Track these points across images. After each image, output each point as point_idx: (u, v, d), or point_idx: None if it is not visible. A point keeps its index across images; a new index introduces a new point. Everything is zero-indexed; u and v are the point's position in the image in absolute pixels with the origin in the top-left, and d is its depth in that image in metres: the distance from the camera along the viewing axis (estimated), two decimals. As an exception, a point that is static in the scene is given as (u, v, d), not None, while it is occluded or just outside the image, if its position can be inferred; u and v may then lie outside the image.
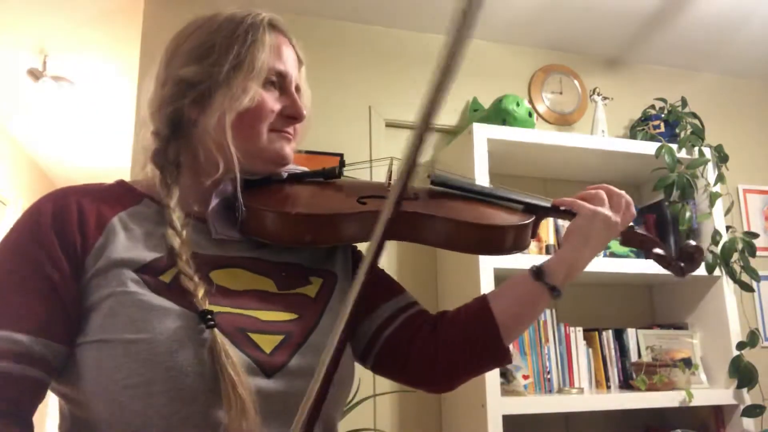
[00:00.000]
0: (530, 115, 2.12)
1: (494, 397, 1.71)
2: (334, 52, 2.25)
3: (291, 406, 0.68)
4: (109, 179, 0.85)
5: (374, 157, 2.17)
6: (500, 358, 0.85)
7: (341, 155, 2.09)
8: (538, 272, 0.84)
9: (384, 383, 1.91)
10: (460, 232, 0.82)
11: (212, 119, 0.76)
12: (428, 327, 0.87)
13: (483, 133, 1.95)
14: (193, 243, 0.74)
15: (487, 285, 1.78)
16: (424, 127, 0.49)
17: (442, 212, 0.82)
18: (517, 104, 2.09)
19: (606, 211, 0.85)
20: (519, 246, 0.85)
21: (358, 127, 2.20)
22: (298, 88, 0.83)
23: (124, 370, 0.63)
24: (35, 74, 2.65)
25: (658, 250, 0.92)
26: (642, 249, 0.93)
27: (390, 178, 0.90)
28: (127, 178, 0.85)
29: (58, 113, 3.19)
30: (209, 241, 0.77)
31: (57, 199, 0.74)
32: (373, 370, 0.89)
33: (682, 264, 0.92)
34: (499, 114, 2.08)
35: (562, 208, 0.88)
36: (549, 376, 1.93)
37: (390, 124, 2.27)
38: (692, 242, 0.93)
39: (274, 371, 0.69)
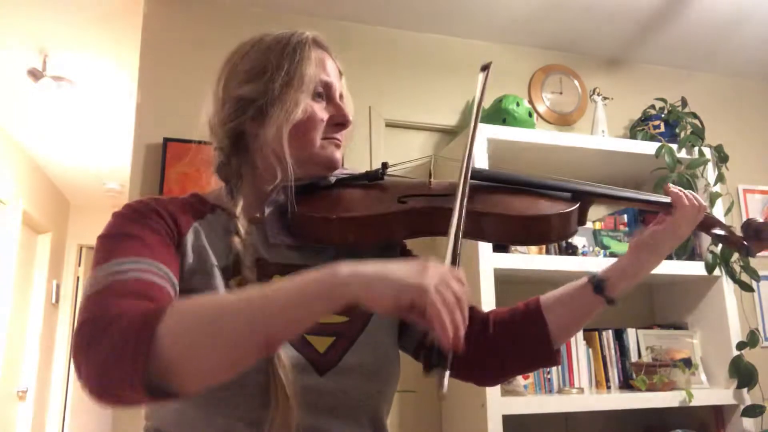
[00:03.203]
0: (530, 115, 2.12)
1: (494, 397, 1.71)
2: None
3: (342, 402, 0.76)
4: (109, 179, 0.86)
5: (374, 157, 2.17)
6: (550, 361, 0.88)
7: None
8: (598, 285, 0.85)
9: (384, 383, 1.91)
10: (503, 225, 0.83)
11: (270, 132, 0.82)
12: (478, 325, 0.90)
13: (483, 133, 1.94)
14: (257, 247, 0.81)
15: (487, 285, 1.77)
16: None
17: (486, 207, 0.83)
18: (517, 104, 2.09)
19: (689, 222, 0.85)
20: (566, 234, 0.86)
21: (358, 127, 2.18)
22: (341, 97, 0.89)
23: None
24: (35, 74, 2.65)
25: (717, 231, 0.89)
26: (700, 229, 0.90)
27: (431, 176, 0.93)
28: (127, 178, 0.88)
29: (58, 113, 3.18)
30: (270, 245, 0.83)
31: (148, 200, 0.81)
32: None
33: (747, 242, 0.89)
34: (499, 114, 2.08)
35: (663, 200, 0.88)
36: (549, 376, 1.93)
37: (390, 124, 2.27)
38: (758, 218, 0.90)
39: (327, 369, 0.76)
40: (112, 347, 0.59)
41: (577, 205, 0.86)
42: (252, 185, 0.85)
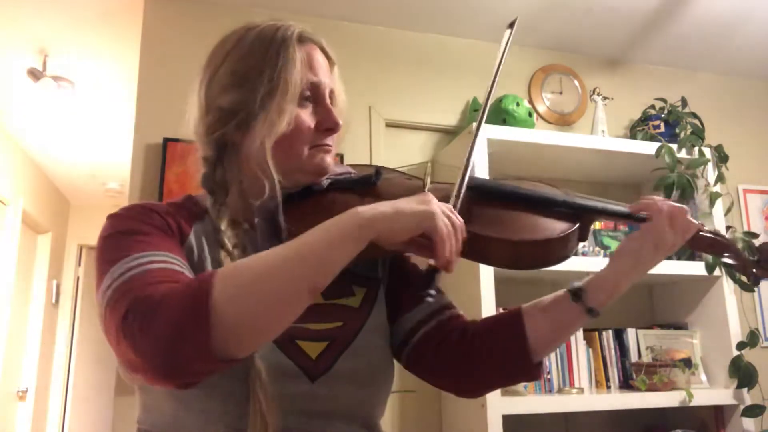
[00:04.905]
0: (530, 115, 2.12)
1: (494, 397, 1.72)
2: (334, 52, 2.25)
3: (335, 407, 0.76)
4: (109, 179, 0.85)
5: (374, 157, 2.17)
6: (530, 375, 0.84)
7: (341, 155, 2.09)
8: (577, 294, 0.81)
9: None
10: (495, 250, 0.78)
11: (254, 144, 0.78)
12: (459, 334, 0.87)
13: (483, 133, 1.95)
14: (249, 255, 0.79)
15: (487, 287, 1.77)
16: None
17: (475, 227, 0.77)
18: (517, 104, 2.09)
19: (668, 231, 0.80)
20: (562, 257, 0.80)
21: (358, 127, 2.19)
22: (332, 92, 0.85)
23: None
24: (35, 74, 2.65)
25: (727, 259, 0.84)
26: (711, 254, 0.85)
27: (425, 185, 0.88)
28: (127, 178, 0.86)
29: (58, 113, 3.18)
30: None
31: (143, 203, 0.80)
32: (407, 369, 0.90)
33: (756, 270, 0.84)
34: (499, 114, 2.08)
35: (641, 214, 0.82)
36: (549, 376, 1.93)
37: (390, 124, 2.27)
38: None
39: (318, 375, 0.75)
40: (173, 325, 0.60)
41: (577, 225, 0.81)
42: (239, 196, 0.82)
